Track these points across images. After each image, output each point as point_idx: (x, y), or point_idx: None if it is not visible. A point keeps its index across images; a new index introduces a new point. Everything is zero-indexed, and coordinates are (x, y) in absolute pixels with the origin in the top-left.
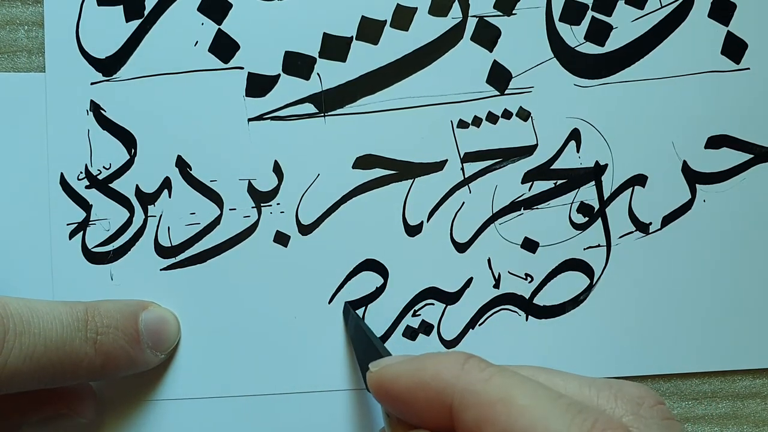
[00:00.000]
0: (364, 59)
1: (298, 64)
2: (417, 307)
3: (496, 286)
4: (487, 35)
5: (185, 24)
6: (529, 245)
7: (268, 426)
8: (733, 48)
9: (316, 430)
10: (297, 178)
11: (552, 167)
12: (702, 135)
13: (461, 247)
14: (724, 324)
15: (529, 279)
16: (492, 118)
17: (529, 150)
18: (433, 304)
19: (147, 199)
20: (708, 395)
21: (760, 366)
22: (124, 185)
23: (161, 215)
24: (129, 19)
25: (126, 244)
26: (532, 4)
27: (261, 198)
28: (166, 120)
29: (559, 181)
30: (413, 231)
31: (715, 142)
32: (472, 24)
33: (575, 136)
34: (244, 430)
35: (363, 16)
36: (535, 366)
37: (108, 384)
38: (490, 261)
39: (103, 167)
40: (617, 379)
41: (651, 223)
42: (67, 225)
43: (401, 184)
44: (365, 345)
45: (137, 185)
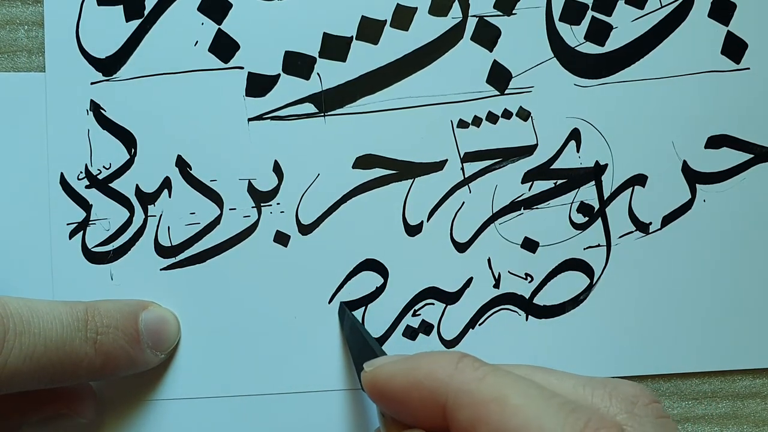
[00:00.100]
0: (364, 59)
1: (298, 64)
2: (417, 307)
3: (496, 285)
4: (487, 35)
5: (185, 24)
6: (529, 245)
7: (268, 426)
8: (733, 48)
9: (316, 430)
10: (297, 178)
11: (552, 167)
12: (702, 135)
13: (461, 247)
14: (724, 324)
15: (529, 279)
16: (492, 117)
17: (529, 150)
18: (433, 304)
19: (147, 198)
20: (708, 395)
21: (760, 366)
22: (124, 185)
23: (161, 215)
24: (129, 18)
25: (126, 244)
26: (532, 4)
27: (261, 198)
28: (166, 120)
29: (559, 181)
30: (413, 231)
31: (715, 142)
32: (472, 24)
33: (575, 135)
34: (244, 429)
35: (363, 16)
36: (531, 365)
37: (108, 384)
38: (490, 261)
39: (103, 167)
40: (613, 378)
41: (651, 223)
42: (67, 225)
43: (401, 183)
44: (360, 345)
45: (137, 185)
